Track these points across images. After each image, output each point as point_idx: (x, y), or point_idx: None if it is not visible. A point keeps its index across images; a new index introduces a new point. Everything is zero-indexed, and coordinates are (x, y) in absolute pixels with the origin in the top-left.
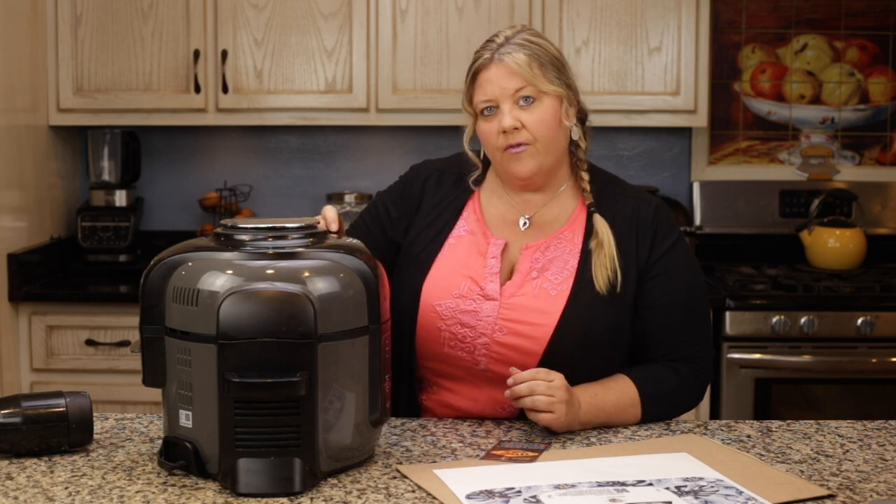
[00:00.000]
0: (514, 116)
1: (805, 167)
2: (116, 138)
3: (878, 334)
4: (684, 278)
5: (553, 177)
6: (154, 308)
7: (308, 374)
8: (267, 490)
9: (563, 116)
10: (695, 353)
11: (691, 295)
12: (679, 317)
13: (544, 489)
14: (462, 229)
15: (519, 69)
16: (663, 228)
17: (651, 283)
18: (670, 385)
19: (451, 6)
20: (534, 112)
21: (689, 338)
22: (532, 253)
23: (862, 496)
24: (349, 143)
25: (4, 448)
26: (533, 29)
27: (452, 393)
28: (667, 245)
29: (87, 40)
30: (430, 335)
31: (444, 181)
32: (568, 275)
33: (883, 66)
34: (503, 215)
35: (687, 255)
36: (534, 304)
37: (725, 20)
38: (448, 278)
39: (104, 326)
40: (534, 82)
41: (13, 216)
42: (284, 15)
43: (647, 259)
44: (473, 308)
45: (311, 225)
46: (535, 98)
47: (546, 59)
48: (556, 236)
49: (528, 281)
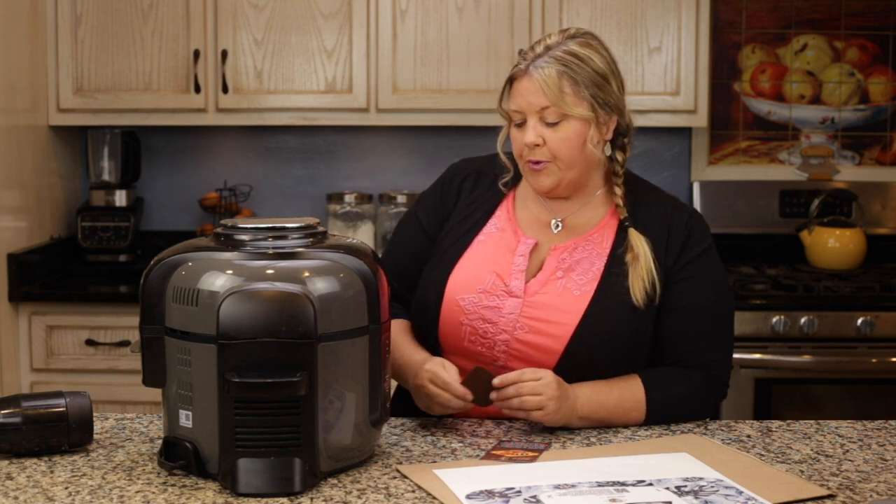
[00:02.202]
0: (537, 133)
1: (805, 167)
2: (116, 138)
3: (878, 334)
4: (709, 285)
5: (581, 187)
6: (154, 308)
7: (308, 374)
8: (267, 490)
9: (588, 139)
10: (711, 363)
11: (715, 303)
12: (699, 323)
13: (544, 489)
14: (493, 227)
15: (546, 88)
16: (695, 235)
17: (675, 286)
18: (679, 392)
19: (451, 6)
20: (557, 132)
21: (708, 346)
22: (559, 253)
23: (862, 496)
24: (349, 143)
25: (4, 448)
26: (587, 35)
27: None
28: (697, 252)
29: (87, 40)
30: (451, 329)
31: (480, 181)
32: (593, 276)
33: (883, 66)
34: (536, 217)
35: (716, 264)
36: (556, 303)
37: (725, 20)
38: (474, 273)
39: (104, 326)
40: (558, 104)
41: (13, 216)
42: (284, 15)
43: (674, 263)
44: (496, 304)
45: (311, 225)
46: (559, 120)
47: (584, 77)
48: (585, 238)
49: (552, 280)
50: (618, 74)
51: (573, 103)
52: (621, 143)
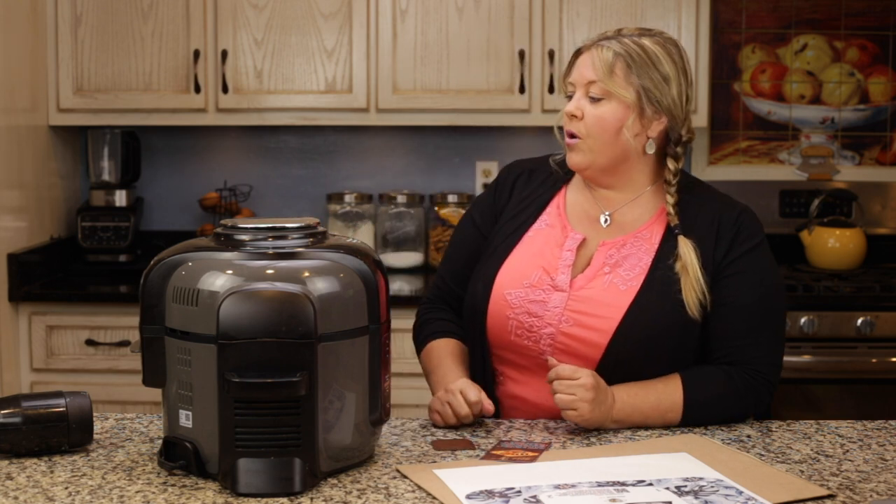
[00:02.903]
0: (578, 105)
1: (805, 167)
2: (116, 138)
3: (878, 334)
4: (757, 281)
5: (623, 178)
6: (154, 308)
7: (308, 374)
8: (267, 490)
9: (626, 125)
10: (755, 359)
11: (762, 299)
12: (745, 319)
13: (544, 489)
14: (543, 223)
15: (599, 64)
16: (745, 231)
17: (723, 282)
18: (718, 391)
19: (451, 6)
20: (597, 108)
21: (752, 342)
22: (608, 249)
23: (862, 496)
24: (349, 143)
25: (4, 448)
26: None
27: (520, 384)
28: (746, 247)
29: (87, 40)
30: (498, 323)
31: (533, 178)
32: (640, 272)
33: (883, 66)
34: (586, 211)
35: (766, 261)
36: (602, 297)
37: (725, 20)
38: (521, 268)
39: (104, 326)
40: (604, 81)
41: (13, 216)
42: (284, 15)
43: (722, 259)
44: (542, 298)
45: (311, 225)
46: (600, 97)
47: (640, 66)
48: (634, 234)
49: (599, 275)
50: (684, 82)
51: (619, 85)
52: (674, 153)
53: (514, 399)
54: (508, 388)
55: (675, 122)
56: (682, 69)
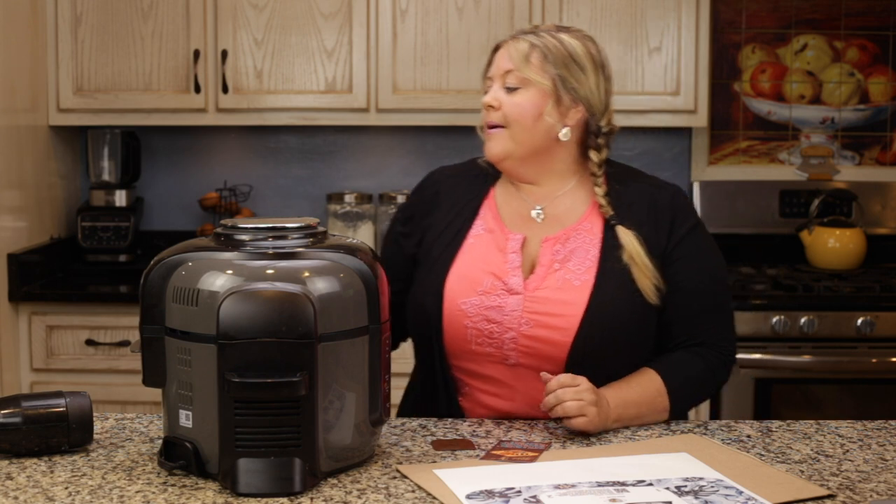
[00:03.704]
0: (495, 96)
1: (805, 167)
2: (116, 138)
3: (878, 334)
4: (704, 263)
5: (543, 169)
6: (154, 308)
7: (308, 374)
8: (267, 490)
9: (545, 111)
10: (717, 337)
11: (712, 279)
12: (701, 301)
13: (544, 489)
14: (480, 228)
15: (515, 54)
16: (681, 213)
17: (672, 268)
18: (695, 371)
19: (451, 6)
20: (514, 97)
21: (712, 321)
22: (552, 245)
23: (862, 496)
24: (349, 143)
25: (4, 448)
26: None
27: (488, 394)
28: (685, 229)
29: (87, 40)
30: (457, 334)
31: (459, 184)
32: (590, 265)
33: (883, 66)
34: (518, 211)
35: (706, 238)
36: (558, 295)
37: (725, 20)
38: (470, 276)
39: (104, 326)
40: (520, 69)
41: (13, 216)
42: (284, 15)
43: (666, 244)
44: (498, 303)
45: (311, 225)
46: (519, 87)
47: (556, 56)
48: (576, 227)
49: (550, 273)
50: (602, 75)
51: (535, 72)
52: (596, 144)
53: (483, 408)
54: (476, 397)
55: (594, 113)
56: (600, 63)
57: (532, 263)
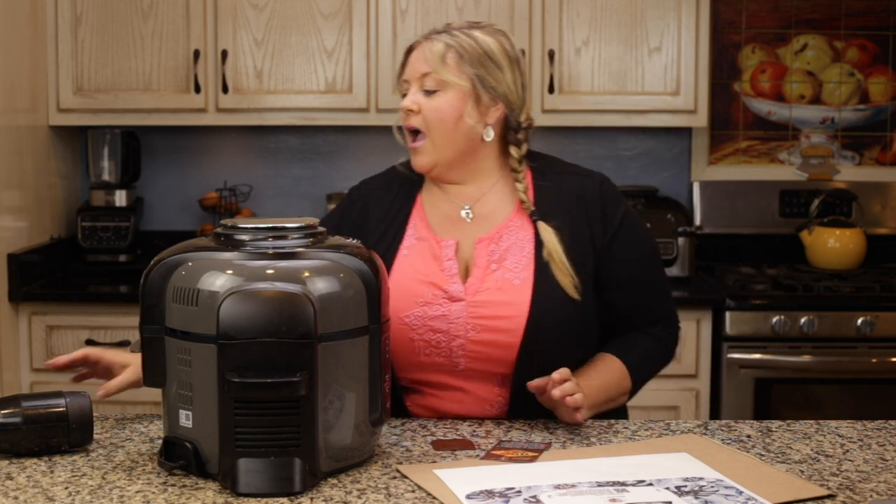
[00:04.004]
0: (413, 100)
1: (805, 167)
2: (116, 138)
3: (878, 334)
4: (641, 248)
5: (469, 169)
6: (154, 308)
7: (308, 374)
8: (267, 490)
9: (465, 112)
10: (663, 315)
11: (650, 261)
12: (645, 287)
13: (544, 489)
14: (412, 238)
15: (430, 56)
16: (610, 202)
17: (613, 261)
18: (649, 348)
19: (451, 6)
20: (433, 100)
21: (657, 303)
22: (486, 245)
23: (862, 496)
24: (349, 143)
25: (4, 448)
26: (497, 30)
27: (438, 399)
28: (618, 219)
29: (87, 40)
30: (403, 347)
31: (385, 195)
32: (527, 262)
33: (883, 66)
34: (447, 214)
35: (637, 223)
36: (500, 297)
37: (725, 20)
38: (409, 288)
39: (104, 326)
40: (437, 71)
41: (13, 216)
42: (284, 15)
43: (602, 236)
44: (442, 312)
45: (311, 225)
46: (437, 89)
47: (471, 55)
48: (507, 225)
49: (488, 274)
50: (517, 70)
51: (453, 73)
52: (515, 140)
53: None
54: (432, 404)
55: (513, 109)
56: (515, 58)
57: (467, 266)
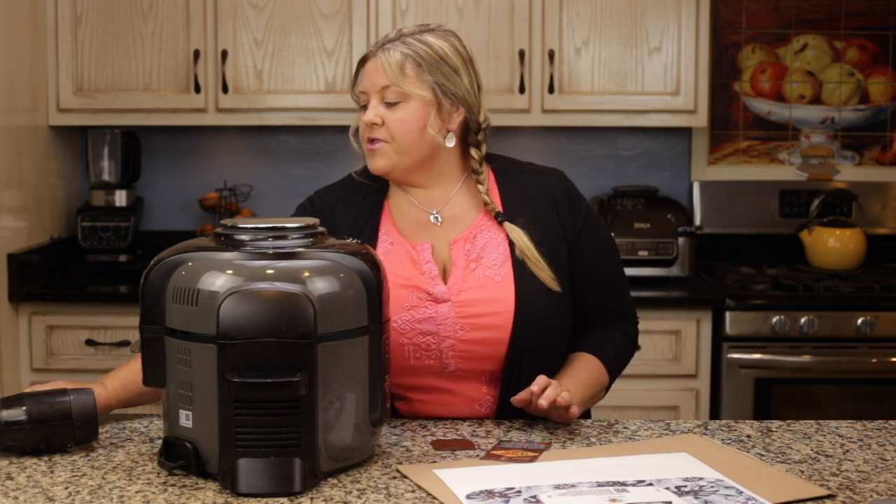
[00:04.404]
0: (376, 112)
1: (805, 167)
2: (116, 138)
3: (878, 334)
4: (605, 242)
5: (431, 174)
6: (154, 308)
7: (308, 374)
8: (267, 490)
9: (428, 123)
10: (627, 309)
11: (613, 255)
12: (610, 279)
13: (544, 489)
14: (386, 243)
15: (388, 68)
16: (575, 197)
17: (581, 254)
18: (619, 343)
19: (451, 6)
20: (396, 112)
21: (621, 297)
22: (462, 245)
23: (862, 496)
24: (349, 143)
25: (10, 446)
26: (446, 31)
27: (426, 404)
28: (582, 214)
29: (87, 40)
30: (395, 353)
31: (351, 203)
32: (504, 258)
33: (883, 66)
34: (416, 220)
35: (597, 218)
36: (485, 294)
37: (725, 20)
38: (393, 293)
39: (104, 326)
40: (398, 84)
41: (13, 216)
42: (284, 15)
43: (572, 230)
44: (429, 314)
45: (311, 225)
46: (399, 101)
47: (429, 62)
48: (478, 224)
49: (468, 273)
50: (472, 71)
51: (414, 85)
52: (475, 141)
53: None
54: (420, 409)
55: (472, 111)
56: (468, 59)
57: (445, 267)
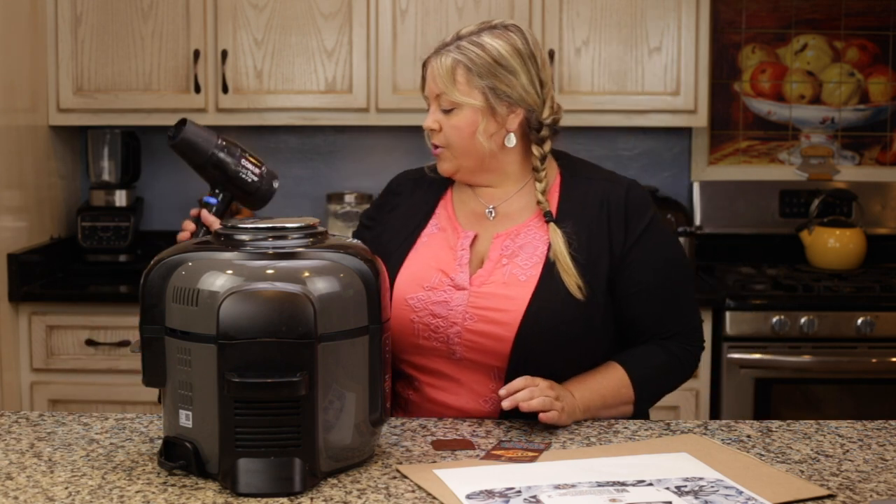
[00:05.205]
0: (434, 119)
1: (805, 167)
2: (116, 138)
3: (878, 334)
4: (661, 257)
5: (496, 174)
6: (154, 308)
7: (308, 374)
8: (267, 490)
9: (479, 130)
10: (682, 328)
11: (671, 271)
12: (661, 297)
13: (544, 489)
14: (434, 227)
15: (439, 76)
16: (636, 210)
17: (629, 269)
18: (659, 362)
19: (451, 6)
20: (451, 119)
21: (675, 314)
22: (502, 241)
23: (862, 496)
24: (349, 143)
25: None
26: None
27: (435, 388)
28: (641, 226)
29: (87, 40)
30: (404, 328)
31: (419, 186)
32: (538, 261)
33: (883, 66)
34: (473, 210)
35: (662, 232)
36: (503, 290)
37: (725, 20)
38: (419, 272)
39: (104, 326)
40: (448, 92)
41: (13, 216)
42: (284, 15)
43: (623, 244)
44: (444, 298)
45: (311, 225)
46: (453, 108)
47: (480, 67)
48: (527, 224)
49: (498, 268)
50: (533, 67)
51: (464, 92)
52: (538, 139)
53: (430, 402)
54: (425, 392)
55: (532, 110)
56: (529, 54)
57: (482, 260)
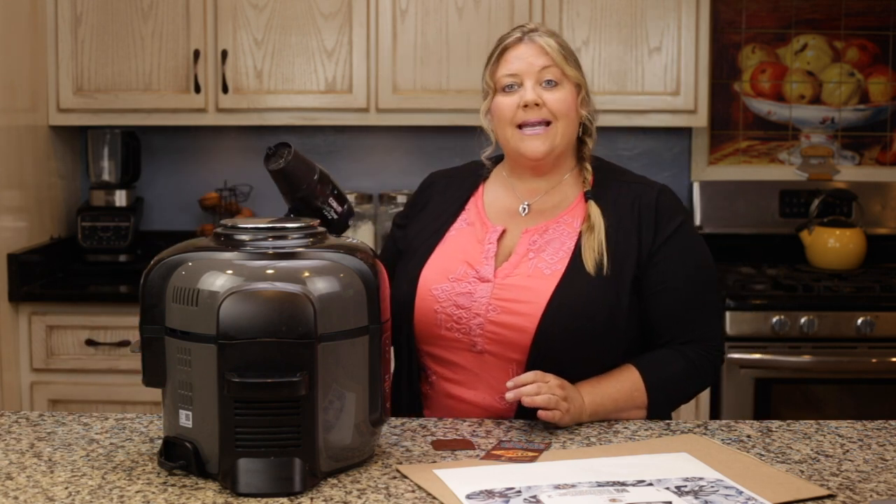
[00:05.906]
0: (537, 93)
1: (805, 167)
2: (116, 138)
3: (878, 334)
4: (688, 260)
5: (560, 163)
6: (154, 308)
7: (308, 374)
8: (267, 490)
9: (578, 104)
10: (703, 334)
11: (696, 276)
12: (685, 300)
13: (544, 489)
14: (463, 222)
15: (549, 49)
16: (666, 212)
17: (654, 269)
18: (677, 368)
19: (451, 6)
20: (555, 93)
21: (697, 318)
22: (531, 236)
23: (862, 496)
24: (349, 143)
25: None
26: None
27: (453, 383)
28: (671, 229)
29: (87, 40)
30: (427, 318)
31: (451, 185)
32: (564, 255)
33: (883, 66)
34: (505, 206)
35: (692, 237)
36: (527, 283)
37: (725, 20)
38: (445, 264)
39: (104, 326)
40: (560, 64)
41: (13, 216)
42: (284, 15)
43: (651, 244)
44: (468, 290)
45: (311, 225)
46: (557, 81)
47: (569, 51)
48: (557, 220)
49: (523, 261)
50: None
51: (572, 67)
52: (590, 132)
53: (449, 398)
54: (443, 387)
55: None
56: None
57: (510, 253)
